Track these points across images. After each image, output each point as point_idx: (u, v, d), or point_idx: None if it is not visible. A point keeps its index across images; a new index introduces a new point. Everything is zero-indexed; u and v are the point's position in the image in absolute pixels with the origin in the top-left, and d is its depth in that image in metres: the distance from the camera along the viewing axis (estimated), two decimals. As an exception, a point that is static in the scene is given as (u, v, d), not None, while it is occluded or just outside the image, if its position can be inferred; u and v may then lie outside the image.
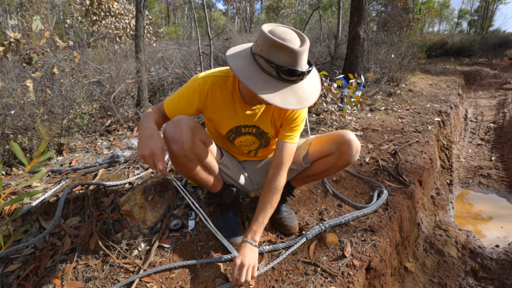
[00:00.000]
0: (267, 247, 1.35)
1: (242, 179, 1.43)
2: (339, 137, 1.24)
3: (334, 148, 1.25)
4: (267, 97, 0.94)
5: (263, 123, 1.26)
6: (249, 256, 1.13)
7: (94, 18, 6.71)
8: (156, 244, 1.36)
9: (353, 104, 3.39)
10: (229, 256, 1.28)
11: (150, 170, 1.91)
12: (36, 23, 2.73)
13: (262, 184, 1.50)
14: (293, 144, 1.24)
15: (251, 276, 1.11)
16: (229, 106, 1.21)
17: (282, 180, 1.24)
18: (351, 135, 1.23)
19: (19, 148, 0.52)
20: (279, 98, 0.95)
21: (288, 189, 1.50)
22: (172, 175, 1.89)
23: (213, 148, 1.27)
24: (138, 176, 1.84)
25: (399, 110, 3.84)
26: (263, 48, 0.95)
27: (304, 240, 1.36)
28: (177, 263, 1.26)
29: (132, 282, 1.17)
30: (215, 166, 1.26)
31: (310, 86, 1.03)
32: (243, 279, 1.08)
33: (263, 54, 0.95)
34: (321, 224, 1.45)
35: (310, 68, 0.99)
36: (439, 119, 3.57)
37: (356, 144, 1.23)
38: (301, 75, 0.97)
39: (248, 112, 1.22)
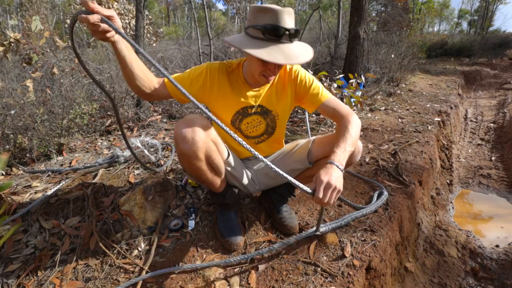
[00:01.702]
0: (266, 248, 1.35)
1: (245, 179, 1.43)
2: None
3: None
4: (254, 52, 1.00)
5: (267, 102, 1.31)
6: (334, 176, 0.99)
7: (94, 18, 6.69)
8: (155, 244, 1.36)
9: (353, 104, 3.39)
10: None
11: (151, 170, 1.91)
12: (35, 23, 2.73)
13: (265, 185, 1.50)
14: (330, 98, 1.27)
15: (333, 200, 1.01)
16: (235, 89, 1.26)
17: (352, 115, 1.20)
18: None
19: None
20: (266, 53, 1.01)
21: (289, 188, 1.50)
22: (172, 175, 1.89)
23: (222, 148, 1.27)
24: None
25: (399, 110, 3.84)
26: (251, 18, 1.06)
27: (319, 233, 1.38)
28: (180, 266, 1.26)
29: (135, 284, 1.17)
30: (222, 167, 1.26)
31: (299, 49, 1.07)
32: (326, 200, 0.98)
33: (251, 23, 1.05)
34: (324, 226, 1.45)
35: (295, 27, 1.05)
36: (439, 119, 3.57)
37: (358, 144, 1.24)
38: (287, 34, 1.03)
39: (253, 94, 1.28)
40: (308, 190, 0.99)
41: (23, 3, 17.40)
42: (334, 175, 1.00)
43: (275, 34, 1.02)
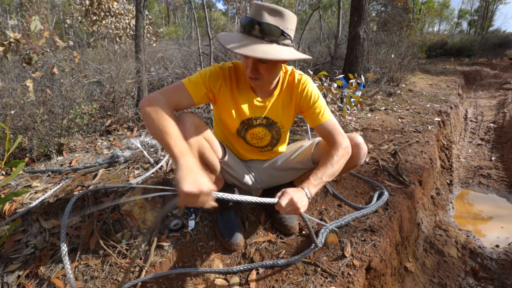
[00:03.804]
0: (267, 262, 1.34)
1: (247, 179, 1.42)
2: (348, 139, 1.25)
3: None
4: (229, 46, 0.99)
5: (272, 114, 1.28)
6: (300, 200, 1.04)
7: (94, 18, 6.71)
8: (155, 244, 1.36)
9: (353, 104, 3.39)
10: (230, 269, 1.28)
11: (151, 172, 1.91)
12: (35, 23, 2.73)
13: (267, 184, 1.50)
14: (329, 120, 1.23)
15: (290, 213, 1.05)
16: (243, 96, 1.22)
17: (344, 144, 1.19)
18: (359, 139, 1.26)
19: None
20: (238, 45, 0.99)
21: None
22: (172, 175, 1.89)
23: (216, 147, 1.26)
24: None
25: (399, 110, 3.84)
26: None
27: (320, 246, 1.35)
28: (179, 269, 1.26)
29: (135, 285, 1.17)
30: (217, 165, 1.26)
31: (280, 50, 1.01)
32: (286, 210, 1.04)
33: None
34: (325, 227, 1.45)
35: (272, 24, 0.98)
36: (439, 119, 3.57)
37: (364, 147, 1.26)
38: (257, 28, 0.98)
39: (259, 104, 1.23)
40: (274, 200, 1.04)
41: (23, 3, 17.40)
42: (300, 199, 1.04)
43: (248, 26, 1.00)
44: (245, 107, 1.23)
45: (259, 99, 1.23)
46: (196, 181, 0.83)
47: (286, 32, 1.01)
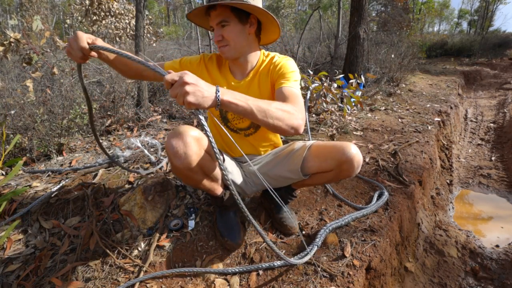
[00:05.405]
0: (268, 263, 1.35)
1: (243, 182, 1.43)
2: (340, 153, 1.17)
3: (334, 166, 1.20)
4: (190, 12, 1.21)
5: (249, 94, 1.24)
6: (200, 84, 0.84)
7: (94, 18, 6.72)
8: (155, 244, 1.36)
9: (353, 104, 3.39)
10: (226, 270, 1.28)
11: (151, 171, 1.91)
12: (36, 23, 2.73)
13: (262, 186, 1.49)
14: (287, 87, 1.15)
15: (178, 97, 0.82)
16: (223, 78, 1.33)
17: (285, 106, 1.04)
18: (353, 150, 1.16)
19: None
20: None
21: (289, 191, 1.49)
22: (172, 175, 1.89)
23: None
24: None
25: (399, 110, 3.84)
26: None
27: (316, 248, 1.32)
28: (178, 269, 1.26)
29: (133, 285, 1.17)
30: (219, 173, 1.24)
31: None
32: (172, 78, 0.81)
33: None
34: (325, 227, 1.44)
35: None
36: (439, 119, 3.57)
37: (358, 159, 1.17)
38: None
39: (235, 84, 1.30)
40: (163, 73, 0.83)
41: (23, 3, 17.41)
42: (198, 89, 0.82)
43: None
44: (223, 87, 1.28)
45: (236, 80, 1.31)
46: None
47: None
